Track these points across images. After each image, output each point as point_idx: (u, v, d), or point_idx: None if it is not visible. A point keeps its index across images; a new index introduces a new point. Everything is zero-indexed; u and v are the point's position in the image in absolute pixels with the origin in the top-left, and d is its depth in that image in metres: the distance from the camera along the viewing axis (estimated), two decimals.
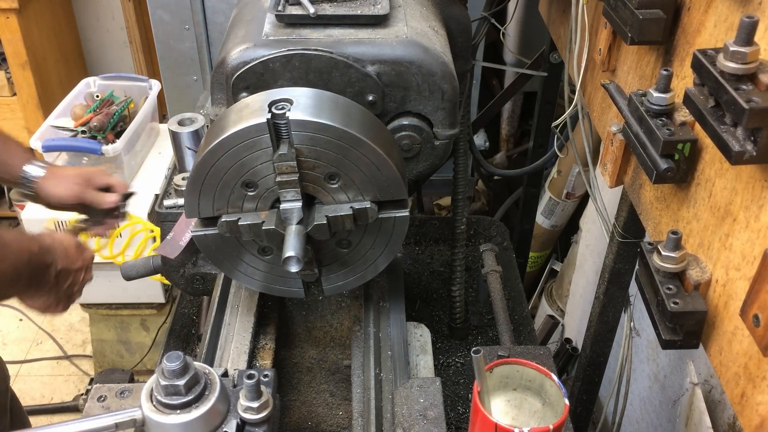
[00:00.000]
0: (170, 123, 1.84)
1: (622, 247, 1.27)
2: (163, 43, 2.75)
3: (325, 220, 1.10)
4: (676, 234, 0.84)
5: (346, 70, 1.13)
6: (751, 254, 0.77)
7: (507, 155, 3.28)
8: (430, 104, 1.18)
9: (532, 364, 0.98)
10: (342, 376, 1.41)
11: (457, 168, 1.59)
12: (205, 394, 0.89)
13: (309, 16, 1.15)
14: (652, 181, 0.90)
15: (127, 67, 3.96)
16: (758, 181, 0.76)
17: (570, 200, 2.62)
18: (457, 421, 1.46)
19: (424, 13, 1.28)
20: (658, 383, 1.72)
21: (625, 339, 1.42)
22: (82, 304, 2.81)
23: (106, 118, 2.54)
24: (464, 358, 1.63)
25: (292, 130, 1.04)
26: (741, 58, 0.72)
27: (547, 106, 2.10)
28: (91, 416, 0.89)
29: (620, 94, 1.02)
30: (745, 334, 0.77)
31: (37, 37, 3.42)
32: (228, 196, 1.12)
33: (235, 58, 1.14)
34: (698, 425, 1.34)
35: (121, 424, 0.89)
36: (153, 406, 0.89)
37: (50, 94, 3.50)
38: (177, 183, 1.74)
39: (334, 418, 1.34)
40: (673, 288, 0.85)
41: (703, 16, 0.91)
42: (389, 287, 1.41)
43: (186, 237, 1.50)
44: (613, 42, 1.17)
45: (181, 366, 0.87)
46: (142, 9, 3.66)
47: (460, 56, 1.36)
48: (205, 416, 0.88)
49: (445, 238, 1.93)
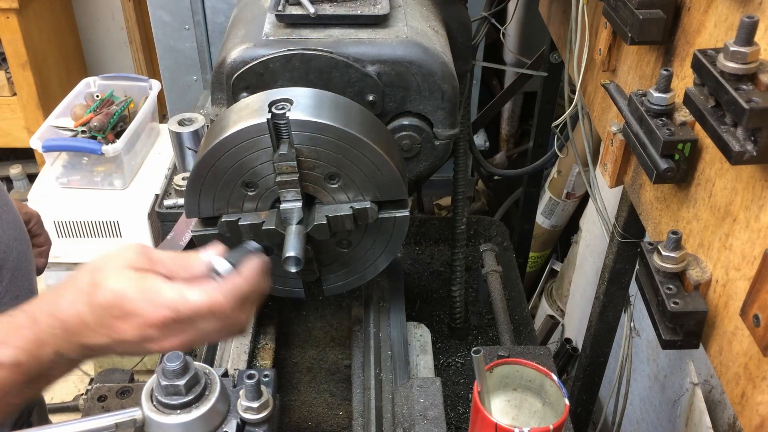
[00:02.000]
0: (170, 123, 1.84)
1: (622, 247, 1.27)
2: (163, 43, 2.75)
3: (325, 220, 1.10)
4: (676, 234, 0.84)
5: (346, 70, 1.13)
6: (751, 254, 0.77)
7: (507, 155, 3.28)
8: (430, 104, 1.18)
9: (532, 364, 0.98)
10: (342, 376, 1.41)
11: (457, 168, 1.59)
12: (205, 394, 0.89)
13: (309, 16, 1.15)
14: (652, 181, 0.90)
15: (127, 67, 3.96)
16: (758, 181, 0.76)
17: (570, 200, 2.62)
18: (457, 421, 1.46)
19: (424, 13, 1.28)
20: (658, 383, 1.72)
21: (625, 339, 1.42)
22: None
23: (106, 118, 2.54)
24: (464, 358, 1.63)
25: (292, 130, 1.04)
26: (741, 58, 0.72)
27: (547, 106, 2.10)
28: (91, 416, 0.89)
29: (620, 94, 1.02)
30: (745, 334, 0.77)
31: (37, 37, 3.42)
32: (228, 196, 1.12)
33: (235, 58, 1.14)
34: (698, 425, 1.35)
35: (121, 424, 0.88)
36: (153, 406, 0.89)
37: (50, 94, 3.50)
38: (177, 183, 1.74)
39: (334, 418, 1.34)
40: (673, 288, 0.85)
41: (703, 16, 0.91)
42: (389, 287, 1.41)
43: (186, 237, 1.50)
44: (613, 42, 1.17)
45: (181, 366, 0.87)
46: (142, 9, 3.66)
47: (460, 56, 1.36)
48: (205, 416, 0.88)
49: (445, 238, 1.93)
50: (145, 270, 0.92)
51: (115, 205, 2.56)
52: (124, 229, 2.58)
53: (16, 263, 1.18)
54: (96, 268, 0.93)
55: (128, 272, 0.91)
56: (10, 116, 3.50)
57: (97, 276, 0.92)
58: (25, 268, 1.23)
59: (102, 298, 0.89)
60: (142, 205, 2.56)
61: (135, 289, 0.90)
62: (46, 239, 1.55)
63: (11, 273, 1.16)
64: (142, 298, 0.89)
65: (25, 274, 1.22)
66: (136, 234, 2.57)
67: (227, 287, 0.93)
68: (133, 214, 2.55)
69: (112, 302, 0.89)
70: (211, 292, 0.91)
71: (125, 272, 0.91)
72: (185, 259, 0.96)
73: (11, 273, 1.16)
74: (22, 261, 1.21)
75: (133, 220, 2.55)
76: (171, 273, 0.94)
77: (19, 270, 1.19)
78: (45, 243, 1.54)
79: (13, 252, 1.18)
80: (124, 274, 0.91)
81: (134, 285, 0.90)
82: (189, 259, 0.96)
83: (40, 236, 1.53)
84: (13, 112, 3.50)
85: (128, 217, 2.55)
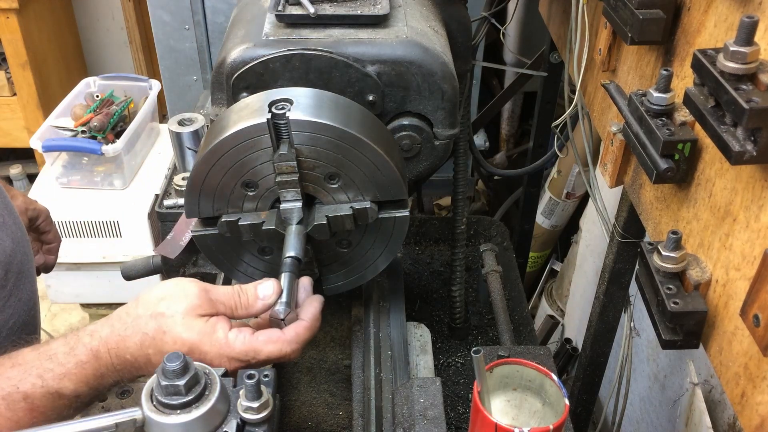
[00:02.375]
0: (170, 123, 1.84)
1: (622, 247, 1.27)
2: (163, 43, 2.75)
3: (325, 220, 1.10)
4: (676, 234, 0.84)
5: (346, 70, 1.13)
6: (751, 254, 0.77)
7: (507, 155, 3.28)
8: (430, 104, 1.18)
9: (532, 364, 0.98)
10: (342, 376, 1.41)
11: (457, 168, 1.59)
12: (205, 394, 0.89)
13: (309, 16, 1.15)
14: (652, 181, 0.90)
15: (127, 67, 3.97)
16: (758, 181, 0.76)
17: (570, 200, 2.62)
18: (457, 421, 1.46)
19: (424, 13, 1.28)
20: (658, 383, 1.72)
21: (625, 339, 1.42)
22: (82, 304, 2.82)
23: (106, 118, 2.54)
24: (464, 358, 1.63)
25: (292, 130, 1.04)
26: (741, 58, 0.72)
27: (547, 106, 2.10)
28: (91, 416, 0.89)
29: (620, 94, 1.02)
30: (745, 334, 0.77)
31: (37, 37, 3.42)
32: (228, 196, 1.12)
33: (235, 58, 1.14)
34: (698, 425, 1.35)
35: (121, 424, 0.88)
36: (153, 406, 0.89)
37: (50, 94, 3.50)
38: (177, 183, 1.74)
39: (334, 418, 1.34)
40: (673, 288, 0.85)
41: (703, 16, 0.91)
42: (389, 287, 1.41)
43: (186, 237, 1.50)
44: (613, 42, 1.17)
45: (181, 366, 0.87)
46: (142, 9, 3.66)
47: (460, 56, 1.36)
48: (205, 416, 0.88)
49: (445, 238, 1.93)
50: (209, 315, 0.98)
51: (115, 205, 2.56)
52: (124, 229, 2.58)
53: (19, 266, 1.18)
54: (160, 314, 0.97)
55: (196, 321, 0.96)
56: (10, 116, 3.51)
57: (164, 323, 0.96)
58: (28, 270, 1.23)
59: (172, 347, 0.95)
60: (142, 205, 2.56)
61: (207, 342, 0.96)
62: (55, 236, 1.55)
63: (15, 276, 1.16)
64: (216, 353, 0.96)
65: (27, 277, 1.22)
66: (136, 234, 2.57)
67: (292, 336, 1.00)
68: (133, 214, 2.55)
69: (183, 352, 0.94)
70: (279, 344, 0.98)
71: (193, 321, 0.96)
72: (243, 296, 1.02)
73: (15, 276, 1.16)
74: (24, 264, 1.21)
75: (133, 220, 2.55)
76: (231, 312, 1.00)
77: (22, 273, 1.19)
78: (54, 240, 1.55)
79: (17, 255, 1.18)
80: (193, 323, 0.96)
81: (206, 338, 0.96)
82: (247, 298, 1.02)
83: (50, 233, 1.53)
84: (13, 112, 3.50)
85: (128, 217, 2.55)
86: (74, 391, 0.94)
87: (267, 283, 1.03)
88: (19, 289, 1.18)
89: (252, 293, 1.02)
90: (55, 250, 1.56)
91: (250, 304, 1.02)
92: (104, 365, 0.95)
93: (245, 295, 1.02)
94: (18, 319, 1.16)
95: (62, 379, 0.93)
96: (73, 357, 0.94)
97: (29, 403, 0.91)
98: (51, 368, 0.93)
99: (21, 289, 1.19)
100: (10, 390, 0.91)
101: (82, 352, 0.94)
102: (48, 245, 1.54)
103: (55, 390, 0.93)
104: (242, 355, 0.97)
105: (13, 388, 0.91)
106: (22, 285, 1.19)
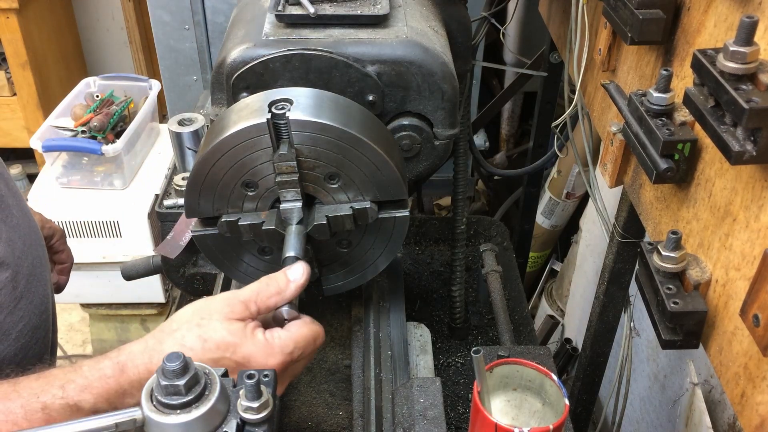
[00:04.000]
0: (170, 123, 1.84)
1: (622, 247, 1.27)
2: (163, 43, 2.75)
3: (325, 220, 1.10)
4: (676, 234, 0.84)
5: (346, 70, 1.13)
6: (751, 254, 0.77)
7: (507, 155, 3.29)
8: (430, 104, 1.18)
9: (532, 364, 0.98)
10: (342, 376, 1.41)
11: (457, 168, 1.59)
12: (205, 394, 0.89)
13: (309, 16, 1.15)
14: (652, 181, 0.90)
15: (127, 67, 3.97)
16: (758, 181, 0.76)
17: (570, 200, 2.62)
18: (457, 421, 1.46)
19: (424, 13, 1.28)
20: (658, 383, 1.72)
21: (625, 339, 1.42)
22: (82, 304, 2.82)
23: (106, 118, 2.54)
24: (464, 358, 1.63)
25: (292, 130, 1.04)
26: (741, 58, 0.72)
27: (547, 106, 2.10)
28: (91, 416, 0.89)
29: (620, 94, 1.02)
30: (745, 334, 0.77)
31: (37, 37, 3.42)
32: (228, 196, 1.12)
33: (235, 58, 1.14)
34: (698, 425, 1.35)
35: (121, 424, 0.88)
36: (153, 406, 0.89)
37: (50, 94, 3.50)
38: (177, 183, 1.74)
39: (334, 418, 1.34)
40: (673, 288, 0.85)
41: (703, 16, 0.91)
42: (389, 287, 1.41)
43: (186, 237, 1.50)
44: (613, 42, 1.17)
45: (181, 366, 0.87)
46: (142, 9, 3.67)
47: (460, 56, 1.36)
48: (205, 416, 0.88)
49: (445, 238, 1.93)
50: (244, 319, 0.99)
51: (115, 205, 2.55)
52: (124, 229, 2.58)
53: (31, 269, 1.18)
54: (198, 324, 0.97)
55: (235, 325, 0.97)
56: (10, 116, 3.51)
57: (203, 332, 0.96)
58: (40, 274, 1.22)
59: (215, 353, 0.95)
60: (142, 205, 2.56)
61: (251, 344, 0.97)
62: (68, 256, 1.54)
63: (26, 279, 1.15)
64: (262, 353, 0.97)
65: (40, 280, 1.21)
66: (136, 234, 2.57)
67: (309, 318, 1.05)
68: (133, 214, 2.55)
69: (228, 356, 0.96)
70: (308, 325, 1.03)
71: (233, 325, 0.97)
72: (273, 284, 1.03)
73: (26, 279, 1.15)
74: (37, 267, 1.20)
75: (133, 220, 2.55)
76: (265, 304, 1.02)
77: (33, 276, 1.18)
78: (67, 260, 1.54)
79: (28, 257, 1.17)
80: (233, 327, 0.97)
81: (248, 341, 0.97)
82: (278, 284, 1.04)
83: (63, 253, 1.53)
84: (13, 112, 3.50)
85: (128, 217, 2.55)
86: (93, 405, 0.92)
87: (295, 266, 1.05)
88: (31, 292, 1.17)
89: (282, 279, 1.03)
90: (68, 270, 1.56)
91: (281, 288, 1.02)
92: (129, 380, 0.94)
93: (275, 282, 1.02)
94: (29, 321, 1.15)
95: (83, 391, 0.92)
96: (97, 371, 0.94)
97: (47, 414, 0.90)
98: (73, 379, 0.93)
99: (33, 292, 1.17)
100: (30, 399, 0.91)
101: (107, 366, 0.94)
102: (61, 265, 1.54)
103: (74, 402, 0.92)
104: (284, 347, 0.98)
105: (34, 398, 0.91)
106: (34, 288, 1.18)
